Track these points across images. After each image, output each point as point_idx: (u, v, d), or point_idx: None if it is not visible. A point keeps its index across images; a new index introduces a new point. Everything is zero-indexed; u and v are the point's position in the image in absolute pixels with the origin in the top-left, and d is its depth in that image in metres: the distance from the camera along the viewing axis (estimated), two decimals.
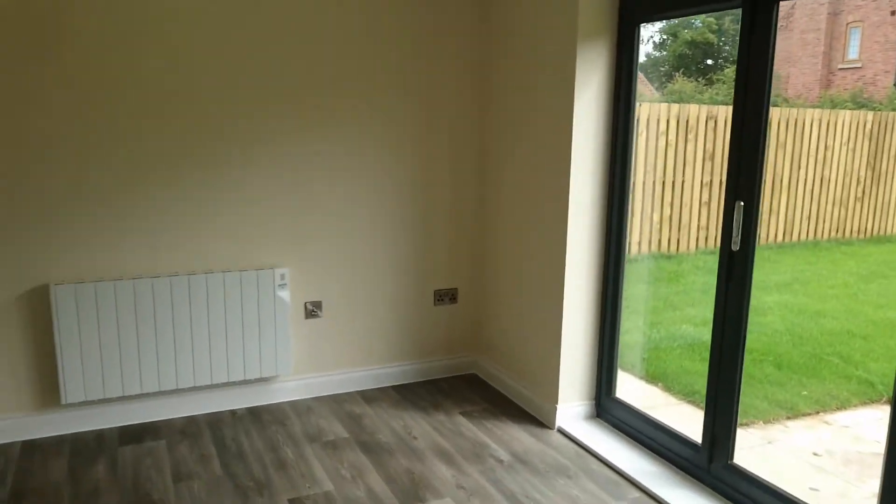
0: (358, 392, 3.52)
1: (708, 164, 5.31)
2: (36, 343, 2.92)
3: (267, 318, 3.23)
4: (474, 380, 3.72)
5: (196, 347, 3.11)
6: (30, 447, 2.89)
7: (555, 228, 3.04)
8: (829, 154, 5.33)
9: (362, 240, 3.42)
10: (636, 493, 2.62)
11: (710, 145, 5.24)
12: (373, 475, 2.72)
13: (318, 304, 3.40)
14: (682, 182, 5.37)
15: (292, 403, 3.37)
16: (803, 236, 5.69)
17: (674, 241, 5.58)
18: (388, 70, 3.31)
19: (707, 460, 2.60)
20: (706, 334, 4.65)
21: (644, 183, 5.18)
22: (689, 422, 2.95)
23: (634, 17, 2.82)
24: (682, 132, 5.15)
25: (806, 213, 5.63)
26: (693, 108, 5.14)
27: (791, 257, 5.70)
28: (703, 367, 4.29)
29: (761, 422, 3.56)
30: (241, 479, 2.67)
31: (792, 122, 5.20)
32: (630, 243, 3.96)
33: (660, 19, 2.78)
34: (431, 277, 3.62)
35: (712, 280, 2.57)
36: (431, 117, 3.45)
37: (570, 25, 2.84)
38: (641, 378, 4.10)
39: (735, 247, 2.42)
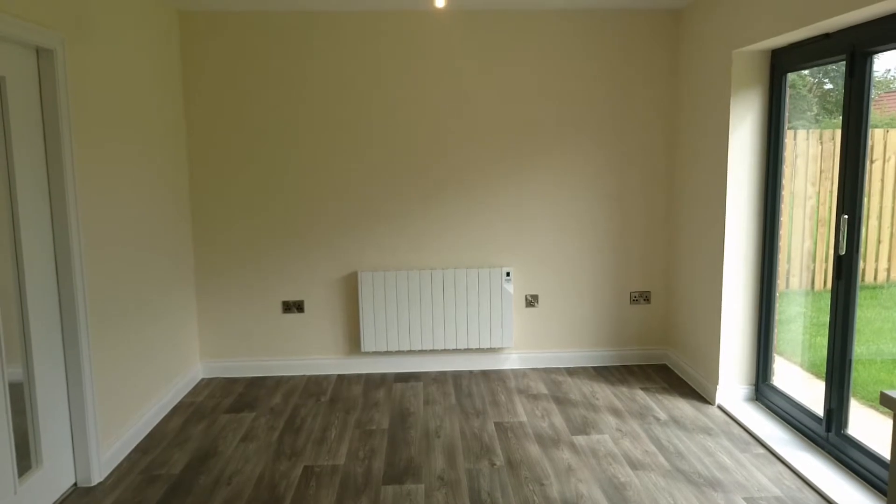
0: (563, 368, 4.53)
1: None
2: (348, 310, 4.47)
3: (496, 305, 4.42)
4: (663, 368, 4.49)
5: (447, 321, 4.42)
6: (342, 377, 4.44)
7: (715, 240, 3.77)
8: None
9: (571, 248, 4.45)
10: (761, 450, 3.25)
11: None
12: (556, 416, 3.72)
13: (535, 297, 4.50)
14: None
15: (513, 370, 4.50)
16: None
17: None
18: (600, 113, 4.33)
19: (825, 430, 3.14)
20: None
21: (894, 209, 5.32)
22: (866, 421, 3.38)
23: (782, 67, 3.49)
24: None
25: None
26: None
27: None
28: (891, 377, 4.54)
29: None
30: (466, 408, 3.86)
31: None
32: (877, 270, 4.36)
33: (801, 69, 3.42)
34: (627, 281, 4.51)
35: None
36: (629, 150, 4.38)
37: (725, 75, 3.61)
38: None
39: (842, 252, 3.00)
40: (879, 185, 4.42)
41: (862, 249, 2.99)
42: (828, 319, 3.95)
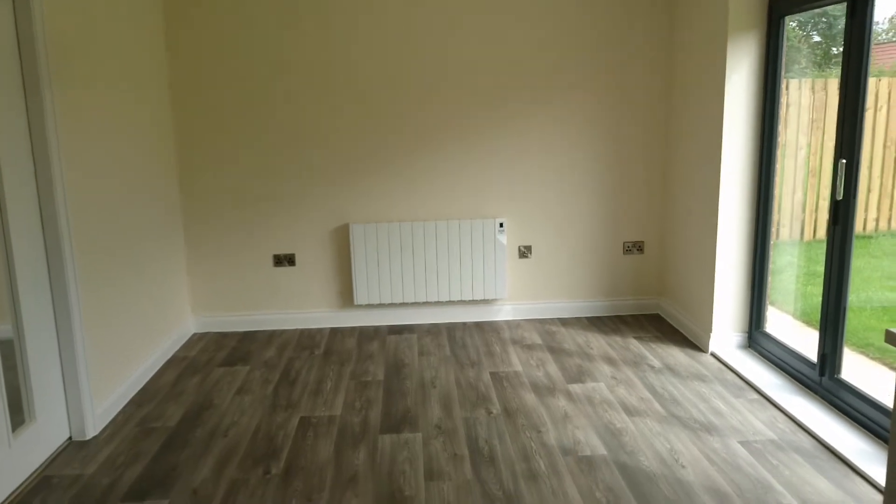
0: (557, 318, 4.54)
1: None
2: (340, 263, 4.43)
3: (489, 256, 4.39)
4: (656, 318, 4.50)
5: (440, 274, 4.39)
6: (335, 330, 4.42)
7: (710, 188, 3.74)
8: None
9: (565, 199, 4.41)
10: (754, 395, 3.28)
11: None
12: (551, 365, 3.73)
13: (528, 248, 4.48)
14: None
15: (506, 321, 4.50)
16: None
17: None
18: (595, 61, 4.25)
19: (818, 374, 3.17)
20: None
21: (885, 158, 5.31)
22: (858, 368, 3.39)
23: (780, 9, 3.41)
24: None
25: None
26: None
27: None
28: (889, 325, 4.57)
29: None
30: (461, 359, 3.87)
31: None
32: (866, 220, 4.36)
33: (798, 11, 3.34)
34: (621, 231, 4.48)
35: None
36: (625, 99, 4.31)
37: (722, 19, 3.53)
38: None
39: (839, 197, 2.97)
40: (870, 133, 4.40)
41: (859, 196, 2.97)
42: (818, 269, 3.96)
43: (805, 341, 4.25)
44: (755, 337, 3.77)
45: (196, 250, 4.36)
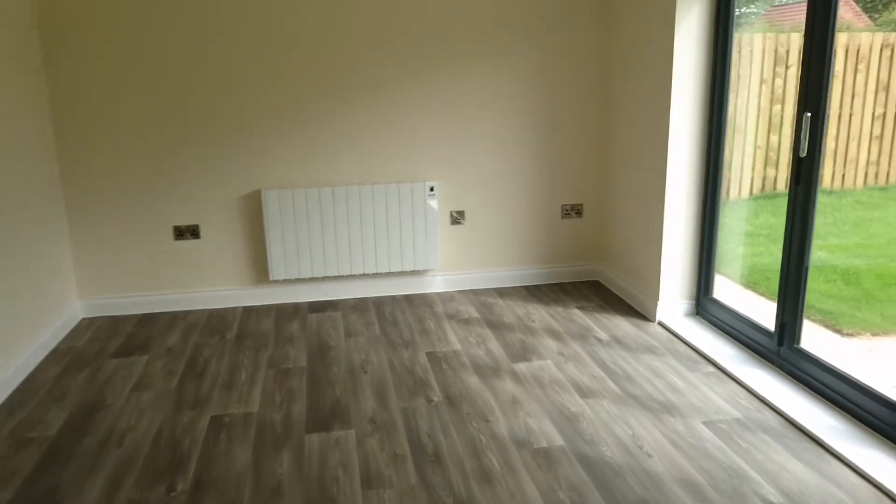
0: (493, 288, 4.22)
1: (881, 96, 5.21)
2: (252, 234, 3.93)
3: (419, 223, 4.00)
4: (596, 285, 4.26)
5: (365, 243, 3.97)
6: (248, 310, 3.94)
7: (658, 150, 3.47)
8: None
9: (499, 159, 4.06)
10: (711, 369, 3.07)
11: (884, 75, 5.13)
12: (493, 342, 3.41)
13: (461, 213, 4.11)
14: (850, 115, 5.32)
15: (439, 293, 4.15)
16: None
17: (838, 177, 5.56)
18: (530, 17, 3.87)
19: (777, 344, 2.98)
20: (839, 260, 4.82)
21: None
22: (809, 334, 3.24)
23: None
24: (851, 62, 5.11)
25: None
26: (865, 37, 5.06)
27: None
28: (823, 287, 4.49)
29: (869, 333, 3.75)
30: (393, 338, 3.49)
31: None
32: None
33: None
34: (559, 194, 4.19)
35: (869, 214, 2.76)
36: (564, 52, 3.96)
37: None
38: (762, 295, 4.37)
39: (802, 153, 2.75)
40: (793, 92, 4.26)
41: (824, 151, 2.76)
42: (756, 230, 3.82)
43: (750, 307, 4.11)
44: (703, 304, 3.57)
45: (81, 221, 3.75)
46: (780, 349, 2.97)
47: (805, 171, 2.77)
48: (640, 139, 3.68)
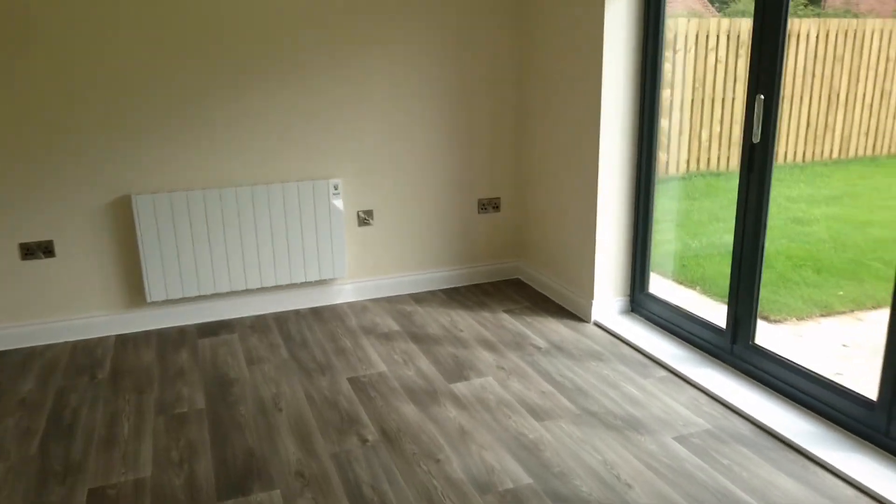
0: (409, 294, 3.81)
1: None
2: (122, 248, 3.29)
3: (323, 226, 3.51)
4: (518, 283, 3.96)
5: (261, 252, 3.44)
6: (123, 339, 3.30)
7: (589, 137, 3.20)
8: (890, 66, 5.19)
9: (409, 151, 3.64)
10: (663, 373, 2.84)
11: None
12: (422, 359, 3.02)
13: (369, 213, 3.67)
14: (733, 99, 5.33)
15: (349, 304, 3.69)
16: (860, 152, 5.60)
17: (724, 159, 5.59)
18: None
19: (730, 342, 2.80)
20: None
21: (693, 100, 5.18)
22: (719, 319, 3.11)
23: None
24: (732, 48, 5.10)
25: (864, 129, 5.52)
26: (745, 23, 5.06)
27: (845, 173, 5.64)
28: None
29: (794, 318, 3.70)
30: (305, 363, 3.00)
31: (851, 34, 5.06)
32: (679, 162, 4.08)
33: None
34: (475, 187, 3.84)
35: None
36: (472, 32, 3.60)
37: None
38: (681, 283, 4.26)
39: (755, 139, 2.55)
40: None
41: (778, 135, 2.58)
42: (658, 215, 3.68)
43: (684, 301, 3.96)
44: (639, 300, 3.36)
45: None
46: (733, 347, 2.79)
47: (759, 158, 2.57)
48: (565, 127, 3.39)
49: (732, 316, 2.78)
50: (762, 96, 2.52)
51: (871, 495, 2.03)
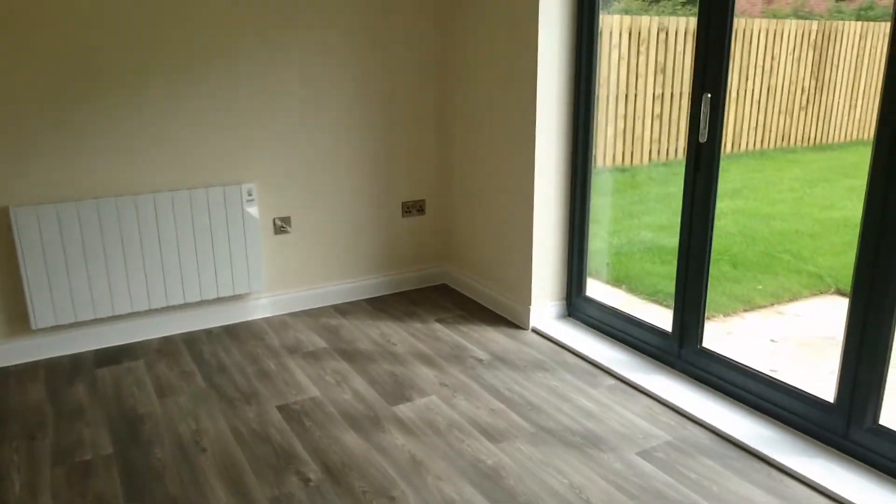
0: (332, 306, 3.54)
1: (660, 77, 5.33)
2: (0, 268, 2.83)
3: (237, 235, 3.19)
4: (445, 289, 3.78)
5: (166, 267, 3.07)
6: (4, 373, 2.84)
7: (523, 135, 3.05)
8: (774, 64, 5.39)
9: (327, 153, 3.37)
10: (611, 381, 2.74)
11: (661, 57, 5.24)
12: (357, 379, 2.77)
13: (286, 220, 3.37)
14: (635, 95, 5.39)
15: (267, 320, 3.37)
16: (751, 146, 5.81)
17: (628, 154, 5.65)
18: None
19: (678, 346, 2.73)
20: (664, 239, 4.80)
21: (598, 97, 5.20)
22: (654, 319, 3.07)
23: None
24: (633, 45, 5.14)
25: (753, 124, 5.72)
26: (644, 20, 5.11)
27: (739, 166, 5.85)
28: (663, 269, 4.44)
29: (721, 315, 3.74)
30: (226, 391, 2.69)
31: (739, 33, 5.21)
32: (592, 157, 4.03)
33: None
34: (398, 189, 3.62)
35: (666, 189, 2.60)
36: (391, 28, 3.37)
37: None
38: (606, 282, 4.23)
39: (702, 139, 2.48)
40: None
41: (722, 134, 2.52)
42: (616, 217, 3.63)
43: (621, 303, 3.91)
44: (577, 304, 3.26)
45: None
46: (681, 351, 2.73)
47: (706, 158, 2.51)
48: (495, 126, 3.23)
49: (679, 320, 2.72)
50: (709, 95, 2.45)
51: (842, 502, 1.99)
